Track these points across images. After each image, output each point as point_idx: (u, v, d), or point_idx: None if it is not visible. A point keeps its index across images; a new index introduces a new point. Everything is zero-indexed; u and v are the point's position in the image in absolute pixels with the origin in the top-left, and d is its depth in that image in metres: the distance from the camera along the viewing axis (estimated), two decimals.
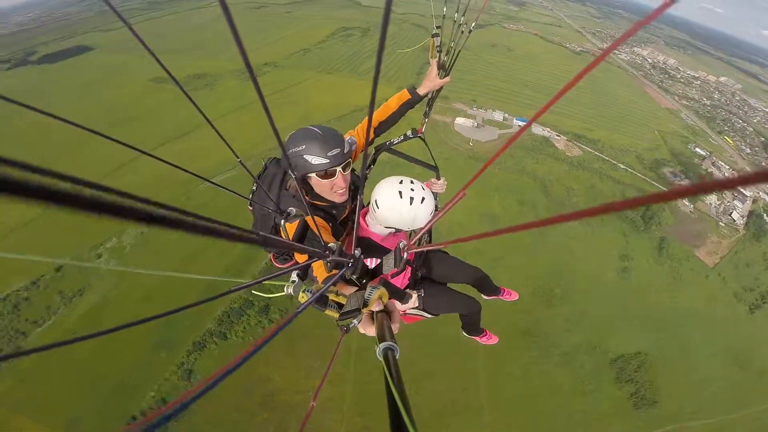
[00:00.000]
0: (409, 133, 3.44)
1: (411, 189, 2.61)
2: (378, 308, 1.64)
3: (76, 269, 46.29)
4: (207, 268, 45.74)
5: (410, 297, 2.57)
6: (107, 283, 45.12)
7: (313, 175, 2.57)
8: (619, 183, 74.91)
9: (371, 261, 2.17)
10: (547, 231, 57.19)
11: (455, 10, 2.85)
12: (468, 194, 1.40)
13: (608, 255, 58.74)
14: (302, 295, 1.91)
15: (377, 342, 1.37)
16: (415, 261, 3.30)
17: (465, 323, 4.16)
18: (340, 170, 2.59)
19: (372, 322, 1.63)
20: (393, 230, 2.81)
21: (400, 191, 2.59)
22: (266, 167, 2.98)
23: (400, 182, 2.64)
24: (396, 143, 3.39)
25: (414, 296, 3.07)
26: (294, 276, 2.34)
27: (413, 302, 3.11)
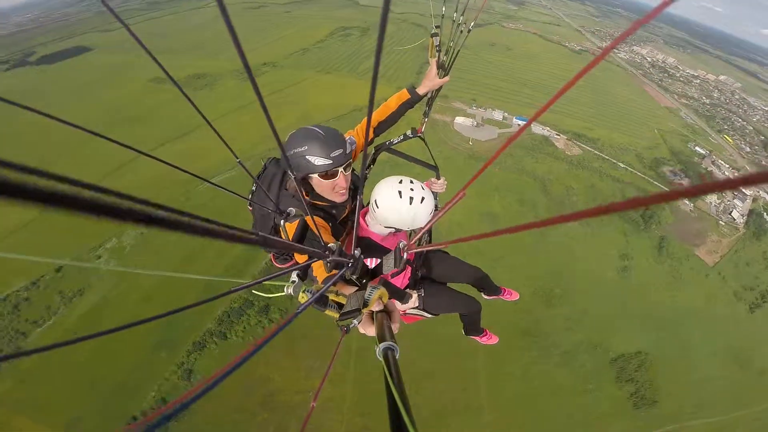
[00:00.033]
0: (409, 133, 3.43)
1: (411, 189, 2.60)
2: (378, 308, 1.63)
3: (76, 269, 46.24)
4: (207, 269, 45.74)
5: (410, 297, 2.57)
6: (107, 284, 45.13)
7: (315, 176, 2.55)
8: (619, 182, 74.91)
9: (371, 261, 2.16)
10: (548, 231, 57.13)
11: (454, 10, 2.84)
12: (468, 194, 1.40)
13: (608, 254, 58.72)
14: (302, 296, 1.91)
15: (377, 342, 1.37)
16: (415, 261, 3.30)
17: (465, 323, 4.15)
18: (342, 170, 2.58)
19: (372, 322, 1.63)
20: (393, 230, 2.80)
21: (400, 191, 2.58)
22: (266, 167, 2.97)
23: (400, 182, 2.63)
24: (396, 143, 3.38)
25: (414, 296, 3.07)
26: (294, 276, 2.34)
27: (413, 302, 3.10)
